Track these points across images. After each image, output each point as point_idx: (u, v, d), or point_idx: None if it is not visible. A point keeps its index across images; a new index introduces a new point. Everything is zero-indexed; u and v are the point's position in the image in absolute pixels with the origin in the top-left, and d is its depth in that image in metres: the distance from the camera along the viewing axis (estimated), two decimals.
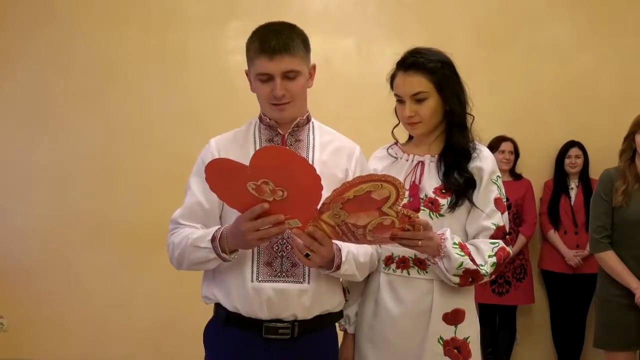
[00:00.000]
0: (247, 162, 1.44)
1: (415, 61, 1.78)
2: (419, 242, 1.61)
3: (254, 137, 1.78)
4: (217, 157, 1.68)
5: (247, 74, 1.78)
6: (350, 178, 1.71)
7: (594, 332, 2.96)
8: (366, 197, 1.45)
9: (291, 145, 1.76)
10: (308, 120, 1.81)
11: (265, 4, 4.14)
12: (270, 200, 1.48)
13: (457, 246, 1.69)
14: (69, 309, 4.13)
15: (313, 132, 1.81)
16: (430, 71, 1.77)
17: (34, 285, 4.15)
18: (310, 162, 1.71)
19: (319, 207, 1.49)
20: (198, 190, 1.73)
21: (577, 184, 4.15)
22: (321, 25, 4.15)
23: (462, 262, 1.68)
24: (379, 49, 4.20)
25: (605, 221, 2.84)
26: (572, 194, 4.14)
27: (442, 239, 1.68)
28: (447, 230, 1.71)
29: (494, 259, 1.73)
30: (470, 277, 1.70)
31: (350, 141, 1.86)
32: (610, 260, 2.81)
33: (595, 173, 3.56)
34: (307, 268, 1.69)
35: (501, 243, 1.76)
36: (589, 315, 4.03)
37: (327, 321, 1.77)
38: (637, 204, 2.77)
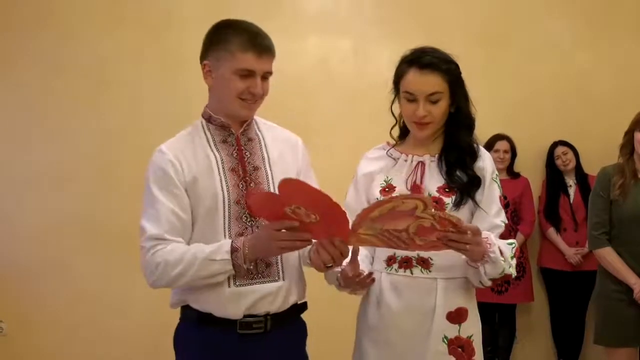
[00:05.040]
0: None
1: (432, 61, 1.76)
2: (467, 245, 1.60)
3: (207, 137, 1.77)
4: (175, 162, 1.70)
5: (204, 66, 1.77)
6: (299, 171, 1.79)
7: (594, 328, 2.97)
8: (392, 212, 1.46)
9: (245, 144, 1.76)
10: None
11: (262, 5, 4.12)
12: (307, 222, 1.51)
13: (499, 251, 1.70)
14: (67, 312, 4.11)
15: (259, 128, 1.83)
16: (445, 71, 1.77)
17: (32, 289, 4.13)
18: (267, 161, 1.75)
19: (350, 226, 1.51)
20: (172, 203, 1.71)
21: (574, 181, 4.16)
22: (318, 26, 4.13)
23: (504, 269, 1.70)
24: (376, 49, 4.19)
25: (603, 218, 2.86)
26: (571, 191, 4.14)
27: (488, 244, 1.67)
28: (491, 234, 1.72)
29: (515, 261, 1.76)
30: (501, 279, 1.74)
31: (289, 132, 1.88)
32: (609, 256, 2.83)
33: (593, 171, 3.57)
34: (280, 265, 1.72)
35: (516, 244, 1.80)
36: (588, 312, 4.04)
37: (295, 313, 1.81)
38: (633, 200, 2.78)
